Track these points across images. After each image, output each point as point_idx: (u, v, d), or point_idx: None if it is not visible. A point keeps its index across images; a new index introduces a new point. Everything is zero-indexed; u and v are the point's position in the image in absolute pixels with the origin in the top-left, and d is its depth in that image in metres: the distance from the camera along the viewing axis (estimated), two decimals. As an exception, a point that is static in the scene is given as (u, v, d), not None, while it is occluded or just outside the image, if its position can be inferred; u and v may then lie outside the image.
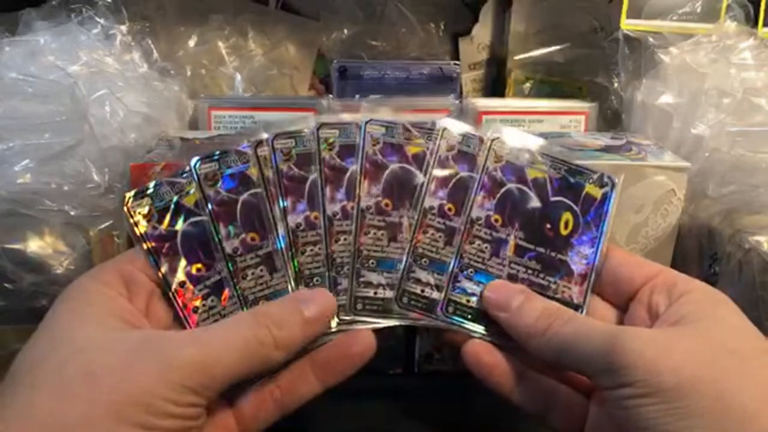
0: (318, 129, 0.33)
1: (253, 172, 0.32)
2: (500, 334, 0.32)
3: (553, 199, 0.34)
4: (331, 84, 0.60)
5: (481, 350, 0.32)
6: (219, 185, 0.31)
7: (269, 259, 0.31)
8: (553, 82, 0.66)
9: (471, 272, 0.33)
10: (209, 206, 0.30)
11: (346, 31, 0.65)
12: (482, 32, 0.69)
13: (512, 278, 0.33)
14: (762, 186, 0.42)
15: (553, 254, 0.34)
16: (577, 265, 0.34)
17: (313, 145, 0.33)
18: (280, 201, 0.32)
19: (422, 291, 0.33)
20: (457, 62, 0.61)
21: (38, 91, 0.38)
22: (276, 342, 0.27)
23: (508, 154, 0.34)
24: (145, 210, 0.30)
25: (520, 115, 0.56)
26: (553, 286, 0.33)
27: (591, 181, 0.35)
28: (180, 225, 0.30)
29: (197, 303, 0.29)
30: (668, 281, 0.32)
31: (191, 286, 0.29)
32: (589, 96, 0.62)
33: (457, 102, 0.57)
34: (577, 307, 0.33)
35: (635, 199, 0.43)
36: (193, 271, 0.29)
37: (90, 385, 0.23)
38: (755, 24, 0.53)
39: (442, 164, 0.34)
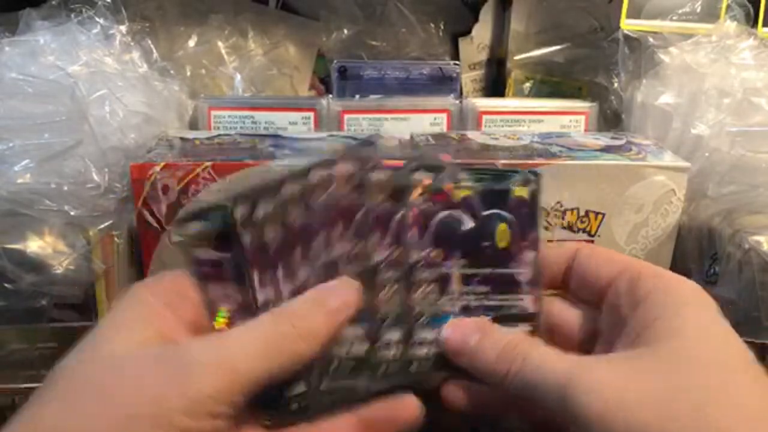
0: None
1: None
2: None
3: (484, 214, 0.31)
4: (331, 84, 0.60)
5: (458, 392, 0.30)
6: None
7: None
8: (553, 82, 0.66)
9: (426, 320, 0.30)
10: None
11: (346, 31, 0.65)
12: (482, 32, 0.69)
13: (466, 310, 0.31)
14: (762, 186, 0.42)
15: (497, 271, 0.32)
16: (524, 273, 0.32)
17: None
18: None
19: (393, 355, 0.30)
20: (457, 62, 0.61)
21: (38, 91, 0.38)
22: (299, 333, 0.25)
23: (430, 182, 0.31)
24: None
25: (520, 115, 0.56)
26: (506, 304, 0.32)
27: (516, 182, 0.32)
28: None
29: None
30: (631, 279, 0.29)
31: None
32: (589, 96, 0.62)
33: (457, 102, 0.57)
34: (533, 316, 0.32)
35: (635, 199, 0.43)
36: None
37: (98, 399, 0.22)
38: (755, 24, 0.53)
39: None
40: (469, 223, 0.31)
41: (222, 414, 0.23)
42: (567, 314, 0.32)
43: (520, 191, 0.32)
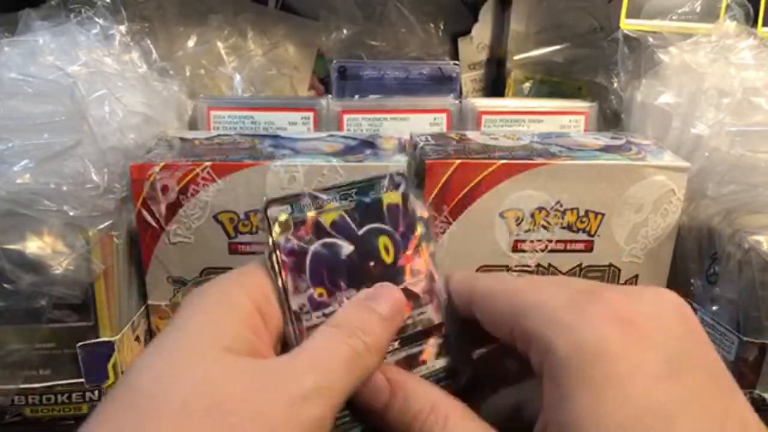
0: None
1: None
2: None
3: (361, 232, 0.28)
4: (331, 84, 0.60)
5: None
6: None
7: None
8: (553, 82, 0.66)
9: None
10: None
11: (345, 31, 0.65)
12: (482, 32, 0.69)
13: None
14: (762, 186, 0.42)
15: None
16: (417, 284, 0.29)
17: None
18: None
19: None
20: (456, 62, 0.61)
21: (38, 91, 0.38)
22: (368, 348, 0.25)
23: (293, 214, 0.28)
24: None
25: (520, 115, 0.56)
26: (409, 322, 0.28)
27: (384, 188, 0.29)
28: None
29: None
30: (528, 335, 0.24)
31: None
32: (589, 96, 0.62)
33: (456, 102, 0.57)
34: (440, 326, 0.29)
35: (635, 199, 0.43)
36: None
37: (214, 418, 0.21)
38: (755, 24, 0.53)
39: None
40: (347, 248, 0.28)
41: None
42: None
43: (391, 197, 0.29)
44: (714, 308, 0.43)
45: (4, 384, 0.38)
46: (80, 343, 0.39)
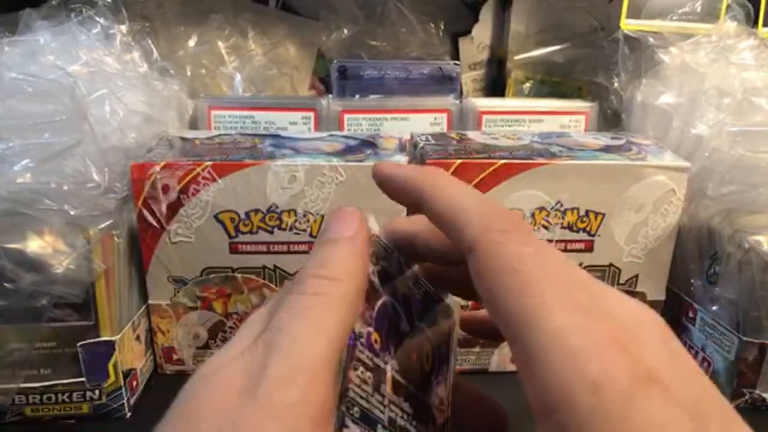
0: None
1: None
2: None
3: (417, 324, 0.26)
4: (331, 84, 0.60)
5: None
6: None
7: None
8: (553, 82, 0.66)
9: (356, 412, 0.22)
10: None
11: (346, 31, 0.65)
12: (482, 32, 0.69)
13: (392, 424, 0.23)
14: (762, 186, 0.42)
15: (420, 396, 0.25)
16: (437, 412, 0.25)
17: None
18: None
19: None
20: (457, 62, 0.61)
21: (38, 91, 0.38)
22: (330, 278, 0.21)
23: (383, 257, 0.25)
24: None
25: (520, 114, 0.56)
26: None
27: (440, 311, 0.27)
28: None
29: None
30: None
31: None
32: (589, 96, 0.62)
33: (457, 102, 0.57)
34: None
35: (635, 199, 0.43)
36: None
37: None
38: (755, 24, 0.53)
39: None
40: (405, 326, 0.25)
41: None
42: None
43: (442, 322, 0.27)
44: (714, 308, 0.43)
45: (5, 383, 0.38)
46: (81, 343, 0.39)
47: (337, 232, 0.23)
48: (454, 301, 0.28)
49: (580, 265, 0.44)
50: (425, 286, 0.27)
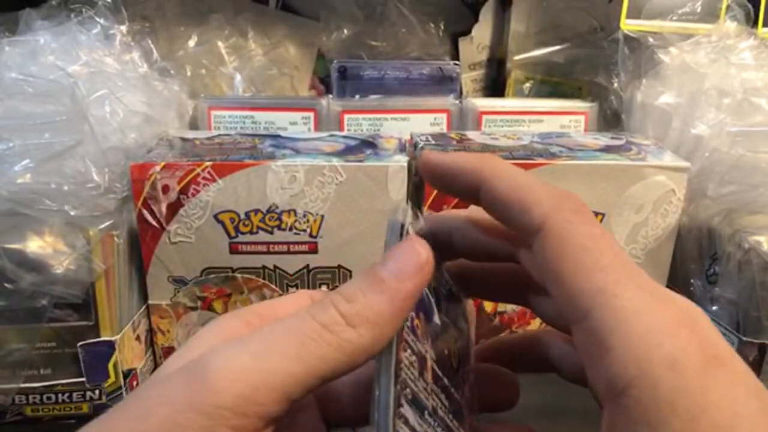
0: None
1: None
2: None
3: (445, 320, 0.25)
4: (331, 84, 0.60)
5: None
6: None
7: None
8: (553, 82, 0.66)
9: (408, 393, 0.20)
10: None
11: (346, 31, 0.65)
12: (482, 32, 0.69)
13: (434, 413, 0.22)
14: (762, 186, 0.42)
15: (452, 390, 0.24)
16: (466, 411, 0.24)
17: None
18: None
19: None
20: (457, 62, 0.61)
21: (38, 91, 0.38)
22: (346, 318, 0.20)
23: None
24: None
25: (520, 115, 0.56)
26: None
27: (461, 312, 0.26)
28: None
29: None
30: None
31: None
32: (589, 96, 0.62)
33: (457, 102, 0.57)
34: None
35: (635, 199, 0.43)
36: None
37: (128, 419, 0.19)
38: (755, 24, 0.53)
39: None
40: (437, 318, 0.24)
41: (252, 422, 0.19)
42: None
43: (463, 323, 0.27)
44: (714, 308, 0.43)
45: (5, 383, 0.38)
46: (81, 343, 0.39)
47: (391, 274, 0.21)
48: (470, 305, 0.28)
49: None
50: (450, 284, 0.27)
